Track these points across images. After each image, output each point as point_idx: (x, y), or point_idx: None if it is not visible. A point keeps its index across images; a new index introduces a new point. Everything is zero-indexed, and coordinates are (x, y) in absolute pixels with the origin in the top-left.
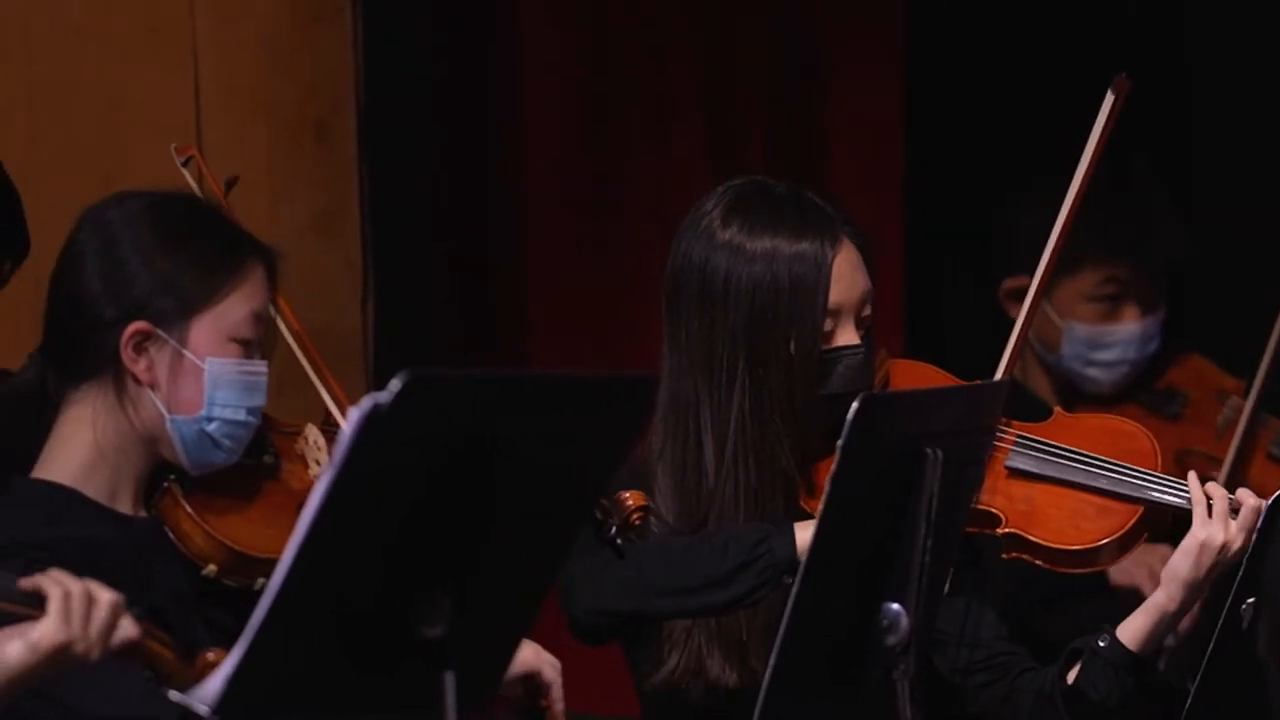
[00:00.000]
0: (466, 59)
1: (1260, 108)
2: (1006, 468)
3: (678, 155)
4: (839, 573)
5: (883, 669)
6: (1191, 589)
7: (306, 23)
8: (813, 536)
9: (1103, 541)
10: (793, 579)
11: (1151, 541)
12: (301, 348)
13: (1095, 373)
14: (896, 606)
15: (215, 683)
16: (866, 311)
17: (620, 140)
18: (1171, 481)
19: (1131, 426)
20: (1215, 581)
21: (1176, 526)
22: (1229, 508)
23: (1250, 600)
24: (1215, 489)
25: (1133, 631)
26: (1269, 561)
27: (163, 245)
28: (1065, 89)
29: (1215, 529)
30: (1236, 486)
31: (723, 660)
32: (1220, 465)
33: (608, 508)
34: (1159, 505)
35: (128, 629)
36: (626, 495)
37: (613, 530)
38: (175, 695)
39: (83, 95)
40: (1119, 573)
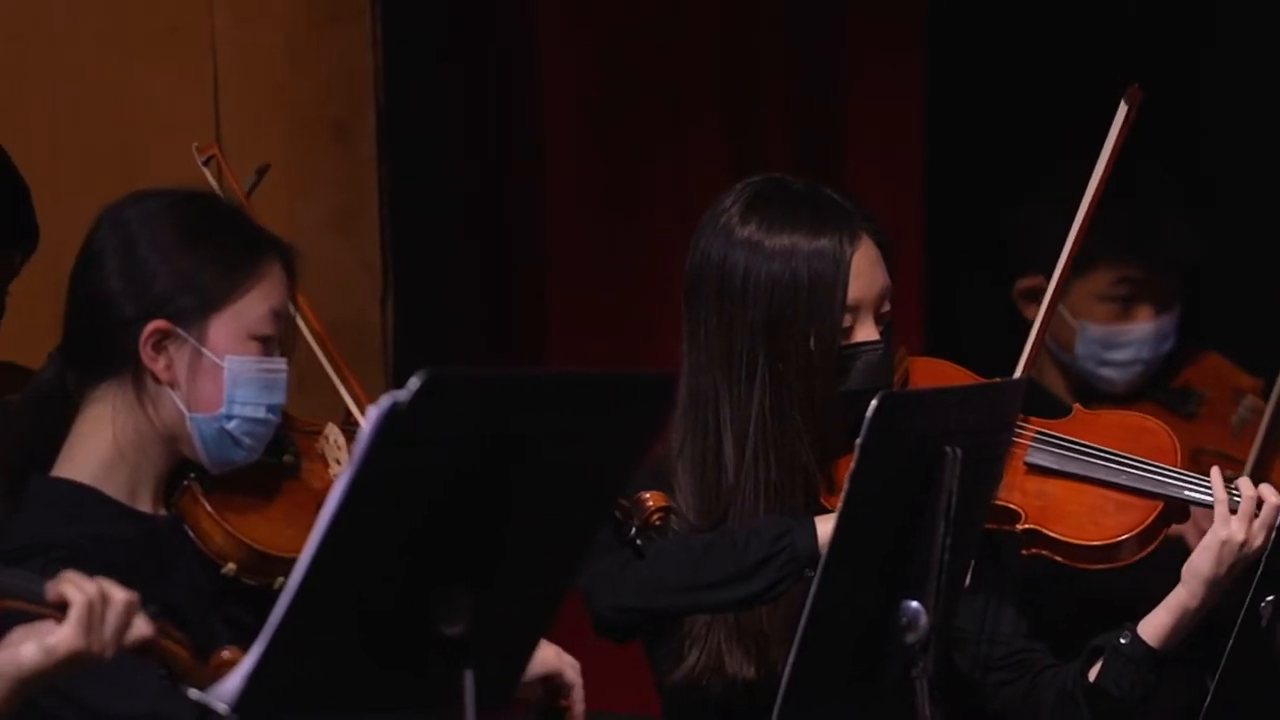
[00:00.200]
0: (484, 58)
1: (1278, 104)
2: (1026, 464)
3: (696, 153)
4: (858, 570)
5: (902, 667)
6: (1213, 586)
7: (325, 22)
8: (832, 534)
9: (1122, 537)
10: (814, 572)
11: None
12: (321, 346)
13: (1109, 372)
14: (915, 604)
15: (234, 681)
16: (886, 308)
17: (639, 138)
18: (1192, 477)
19: (1151, 423)
20: (1237, 578)
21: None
22: (1252, 505)
23: (1270, 598)
24: (1245, 484)
25: (1154, 628)
26: None
27: (182, 244)
28: (1084, 88)
29: (1237, 526)
30: (1257, 484)
31: (743, 656)
32: (1234, 463)
33: (628, 508)
34: (1179, 501)
35: (142, 628)
36: (647, 496)
37: (633, 531)
38: (194, 693)
39: (102, 95)
40: None
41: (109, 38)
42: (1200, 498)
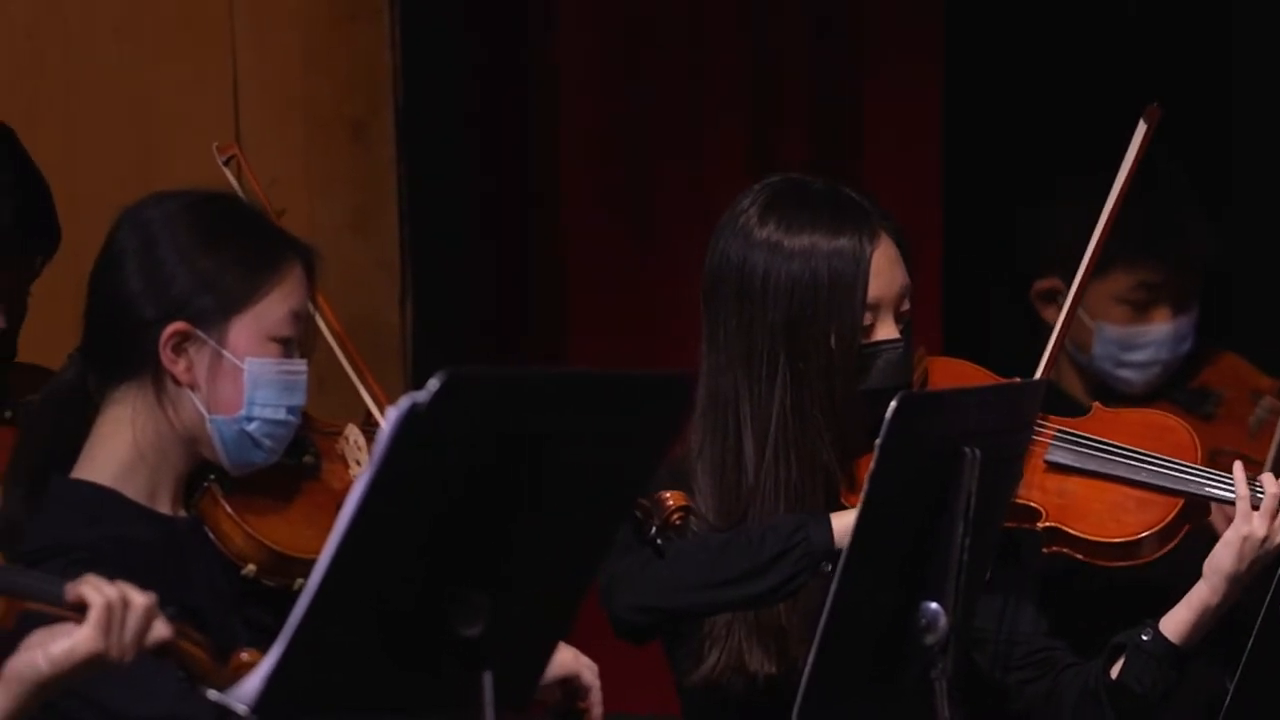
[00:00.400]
0: (503, 57)
1: None
2: (1046, 462)
3: (716, 153)
4: (877, 570)
5: (921, 668)
6: (1234, 582)
7: (344, 22)
8: (851, 535)
9: (1143, 534)
10: (831, 566)
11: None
12: (342, 347)
13: (1127, 373)
14: (935, 605)
15: (254, 681)
16: (905, 306)
17: (658, 138)
18: (1213, 474)
19: (1171, 420)
20: (1258, 575)
21: None
22: (1275, 502)
23: None
24: (1268, 480)
25: (1176, 625)
26: None
27: (202, 245)
28: (1102, 87)
29: (1259, 523)
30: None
31: (763, 655)
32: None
33: (648, 508)
34: (1200, 498)
35: (161, 630)
36: (667, 495)
37: (653, 530)
38: (213, 694)
39: (120, 94)
40: None
41: (127, 36)
42: (1222, 494)
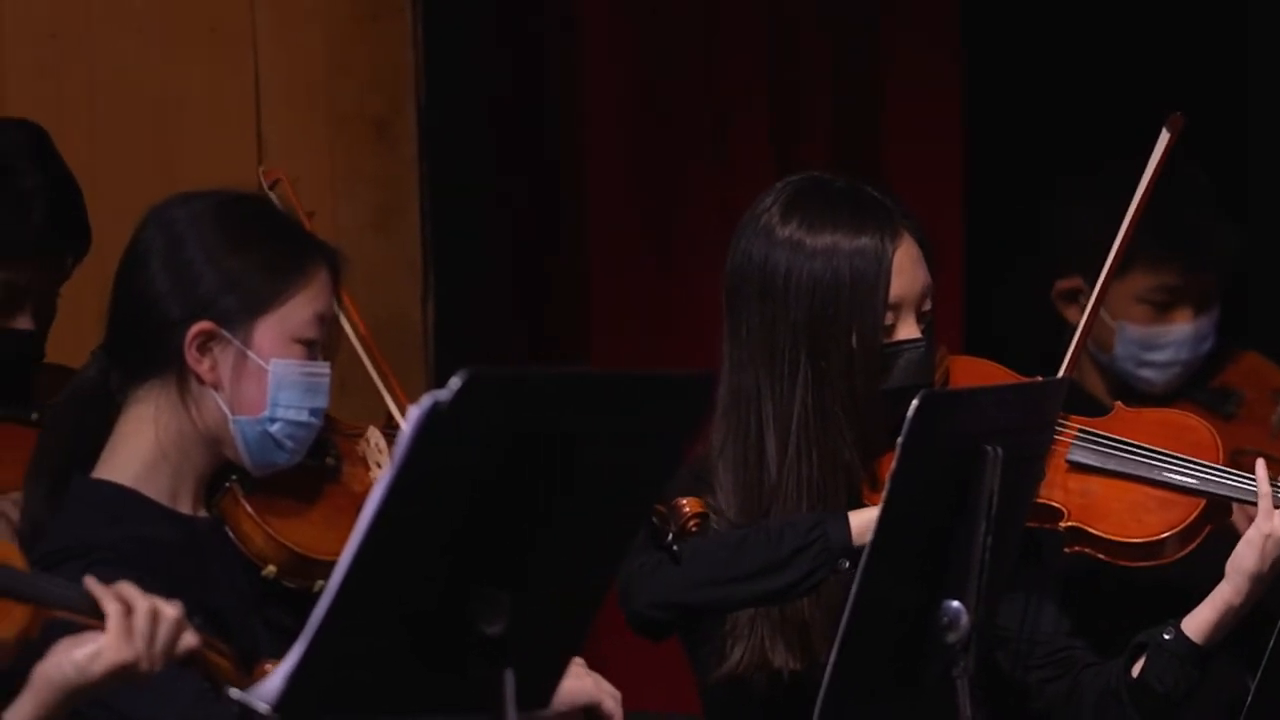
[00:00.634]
0: (526, 56)
1: None
2: (1068, 462)
3: (739, 150)
4: (899, 569)
5: (943, 666)
6: (1257, 581)
7: (366, 20)
8: (873, 533)
9: (1165, 534)
10: (849, 564)
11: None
12: (366, 350)
13: (1148, 373)
14: (956, 604)
15: (275, 681)
16: (927, 305)
17: (681, 137)
18: (1235, 474)
19: (1193, 420)
20: None
21: None
22: None
23: None
24: None
25: (1198, 624)
26: None
27: (228, 245)
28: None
29: None
30: None
31: (787, 652)
32: (1274, 464)
33: (665, 514)
34: (1222, 498)
35: (189, 641)
36: (684, 502)
37: (669, 537)
38: (235, 693)
39: (143, 93)
40: None
41: (150, 36)
42: (1244, 494)
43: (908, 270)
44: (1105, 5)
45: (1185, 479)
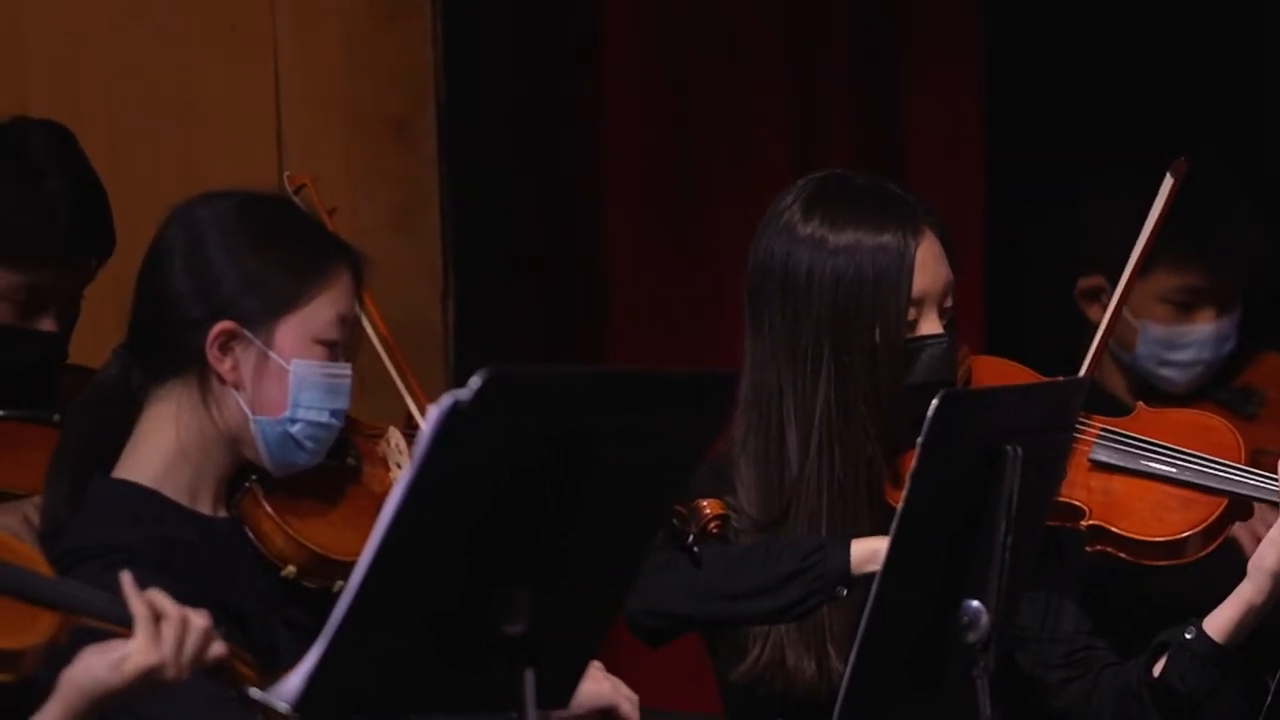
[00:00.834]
0: (546, 55)
1: None
2: (1090, 461)
3: (759, 149)
4: (919, 569)
5: (963, 666)
6: (1279, 580)
7: (386, 20)
8: (893, 531)
9: (1187, 533)
10: (846, 592)
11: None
12: (388, 351)
13: (1170, 373)
14: (976, 604)
15: (295, 680)
16: (949, 301)
17: (702, 136)
18: (1256, 473)
19: (1215, 420)
20: None
21: None
22: None
23: None
24: None
25: (1219, 624)
26: None
27: (251, 245)
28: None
29: None
30: None
31: (804, 653)
32: None
33: (686, 516)
34: (1244, 497)
35: (217, 650)
36: (704, 504)
37: (690, 539)
38: (255, 693)
39: (163, 93)
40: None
41: (169, 35)
42: (1265, 493)
43: (930, 266)
44: (1127, 6)
45: (1207, 478)
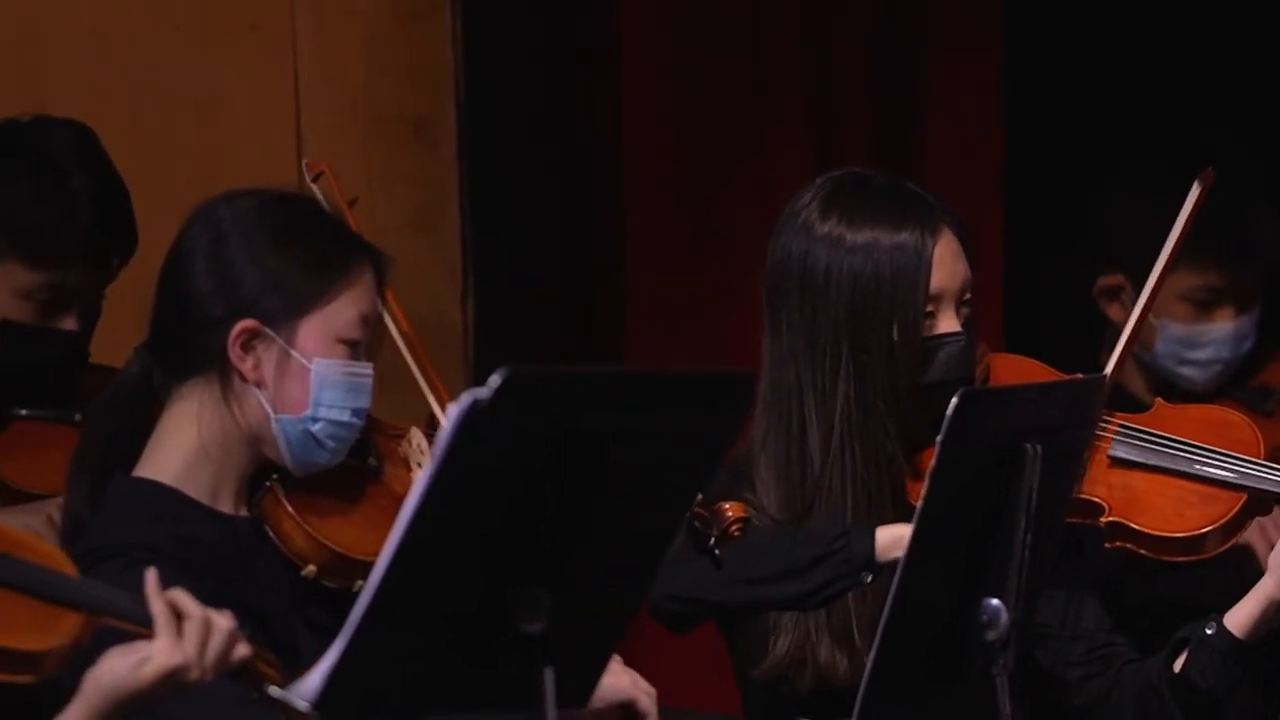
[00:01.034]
0: (565, 55)
1: None
2: (1109, 457)
3: (778, 151)
4: (939, 567)
5: (983, 664)
6: None
7: (406, 20)
8: (913, 530)
9: (1207, 529)
10: (871, 578)
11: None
12: (410, 349)
13: (1189, 371)
14: (996, 602)
15: (315, 678)
16: (967, 300)
17: (720, 135)
18: (1276, 469)
19: (1234, 416)
20: None
21: None
22: None
23: None
24: None
25: (1240, 619)
26: None
27: (273, 244)
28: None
29: None
30: None
31: (831, 646)
32: None
33: (707, 518)
34: (1263, 493)
35: (241, 652)
36: (726, 506)
37: (711, 541)
38: (275, 691)
39: (183, 93)
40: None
41: (190, 35)
42: None
43: (948, 264)
44: (1147, 4)
45: (1227, 474)
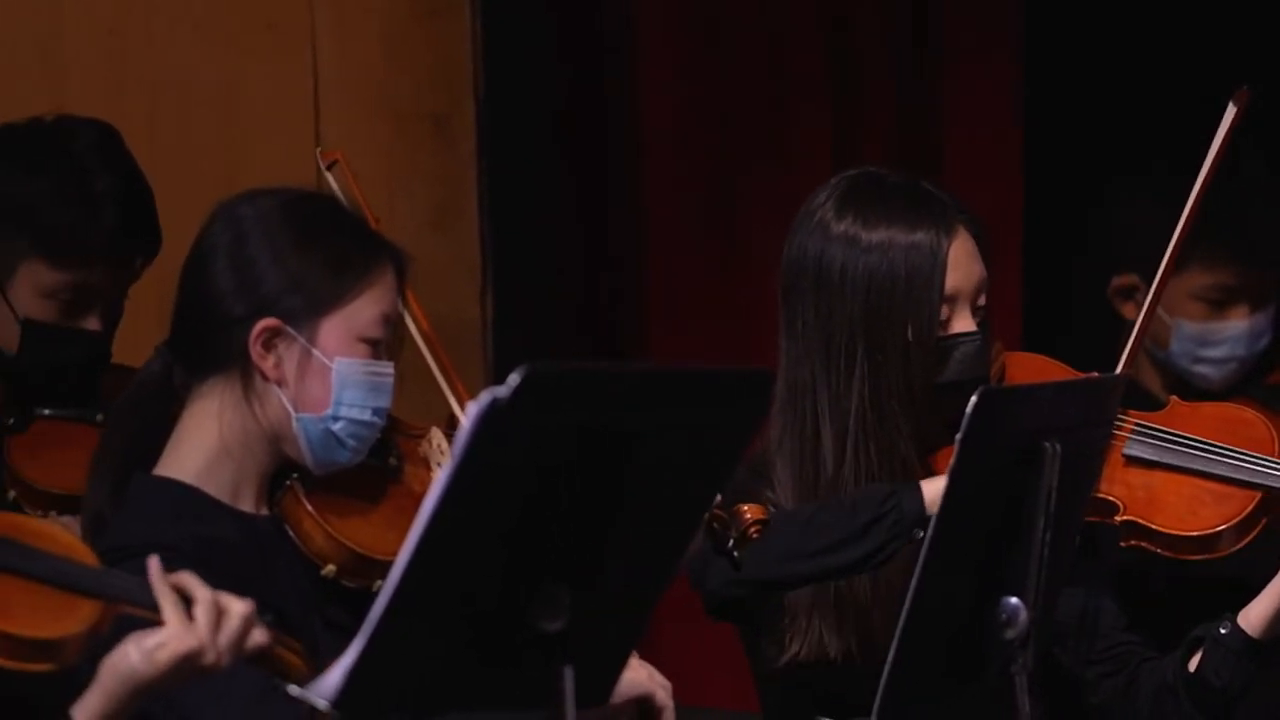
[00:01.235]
0: (585, 52)
1: None
2: (1124, 456)
3: (798, 147)
4: (958, 565)
5: (1001, 663)
6: None
7: (425, 17)
8: (931, 529)
9: (1221, 527)
10: (923, 534)
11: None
12: (430, 348)
13: (1204, 369)
14: (1015, 600)
15: (334, 677)
16: (982, 300)
17: (739, 134)
18: None
19: (1248, 414)
20: None
21: None
22: None
23: None
24: None
25: (1254, 618)
26: None
27: (294, 244)
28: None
29: None
30: None
31: (845, 644)
32: None
33: (726, 520)
34: (1278, 490)
35: (259, 637)
36: (745, 508)
37: (730, 543)
38: (294, 690)
39: (202, 91)
40: None
41: (209, 33)
42: None
43: (963, 264)
44: (1165, 4)
45: (1241, 472)
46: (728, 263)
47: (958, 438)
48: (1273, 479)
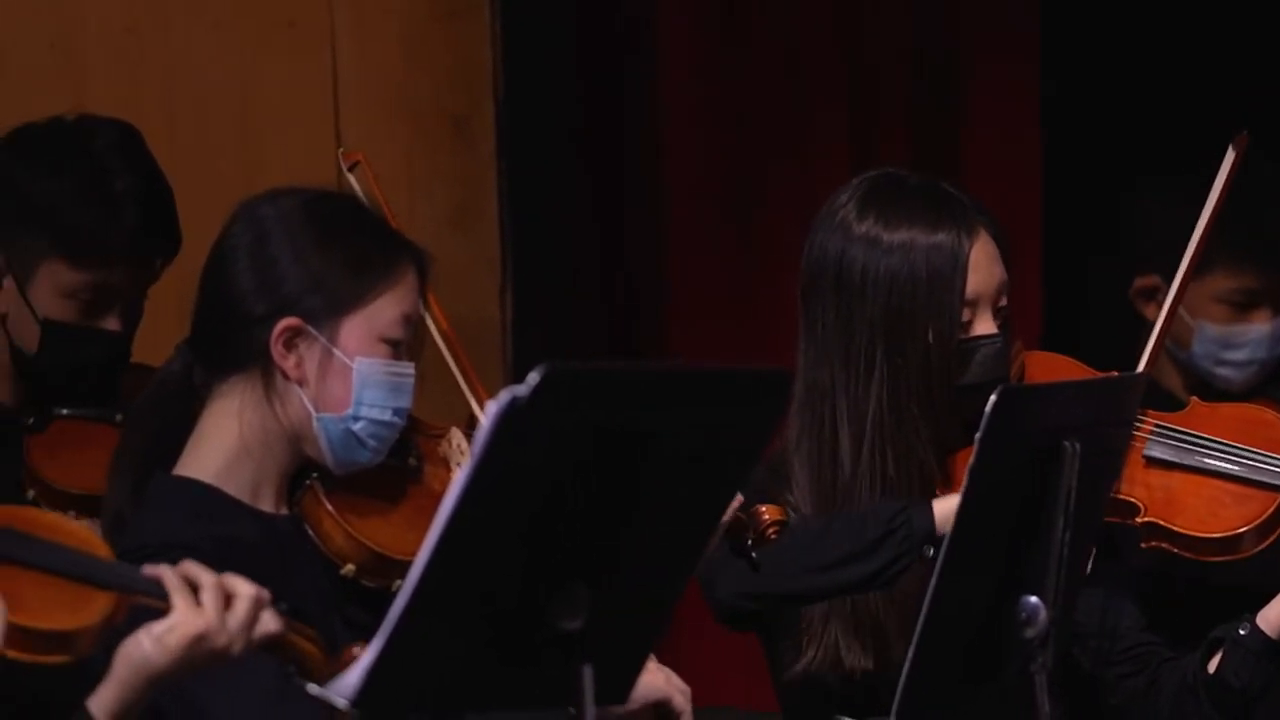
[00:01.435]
0: (604, 52)
1: None
2: (1145, 457)
3: (817, 148)
4: (977, 565)
5: (1021, 662)
6: None
7: (444, 17)
8: (951, 529)
9: (1242, 529)
10: (933, 551)
11: None
12: (450, 348)
13: (1225, 372)
14: (1034, 599)
15: (354, 676)
16: (1003, 302)
17: (760, 133)
18: None
19: (1269, 415)
20: None
21: None
22: None
23: None
24: None
25: (1273, 619)
26: None
27: (316, 243)
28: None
29: None
30: None
31: (860, 652)
32: None
33: (744, 521)
34: None
35: (270, 623)
36: (763, 509)
37: (748, 544)
38: (313, 689)
39: (221, 91)
40: None
41: (228, 33)
42: None
43: (984, 266)
44: (1184, 4)
45: (1262, 473)
46: (746, 262)
47: (977, 436)
48: None
